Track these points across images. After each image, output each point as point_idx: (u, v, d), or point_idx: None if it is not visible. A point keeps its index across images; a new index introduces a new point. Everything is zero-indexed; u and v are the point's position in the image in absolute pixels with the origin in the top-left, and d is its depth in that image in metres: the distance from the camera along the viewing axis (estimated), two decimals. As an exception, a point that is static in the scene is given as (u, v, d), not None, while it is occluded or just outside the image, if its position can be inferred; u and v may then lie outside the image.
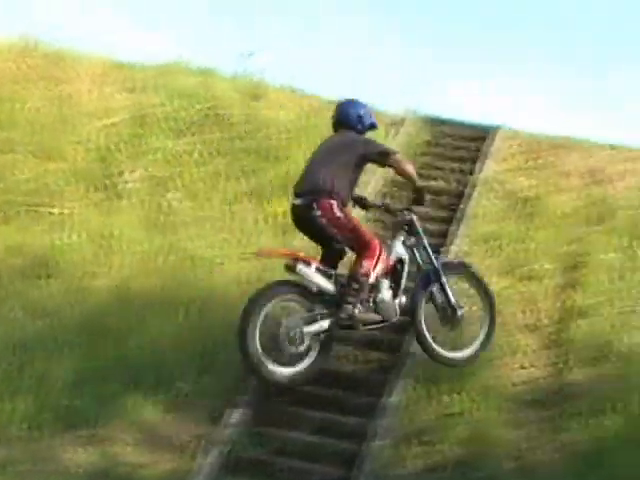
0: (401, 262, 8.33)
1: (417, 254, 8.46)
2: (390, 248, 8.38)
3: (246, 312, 7.87)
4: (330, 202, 8.12)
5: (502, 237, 10.25)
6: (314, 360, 8.07)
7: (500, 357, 8.80)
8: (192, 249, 9.92)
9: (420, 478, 7.66)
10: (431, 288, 8.39)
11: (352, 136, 8.43)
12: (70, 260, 9.65)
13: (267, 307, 7.92)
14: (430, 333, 8.30)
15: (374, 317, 8.18)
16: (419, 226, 8.51)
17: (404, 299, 8.29)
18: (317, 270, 8.08)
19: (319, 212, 8.11)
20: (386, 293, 8.20)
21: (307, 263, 8.07)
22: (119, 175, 10.97)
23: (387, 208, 8.89)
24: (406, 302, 8.30)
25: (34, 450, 7.73)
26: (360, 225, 8.32)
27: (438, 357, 8.35)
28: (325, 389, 8.36)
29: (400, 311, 8.28)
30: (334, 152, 8.28)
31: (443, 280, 8.39)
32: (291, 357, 7.97)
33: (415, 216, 8.52)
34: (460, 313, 8.40)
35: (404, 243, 8.41)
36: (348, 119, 8.49)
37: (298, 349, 7.95)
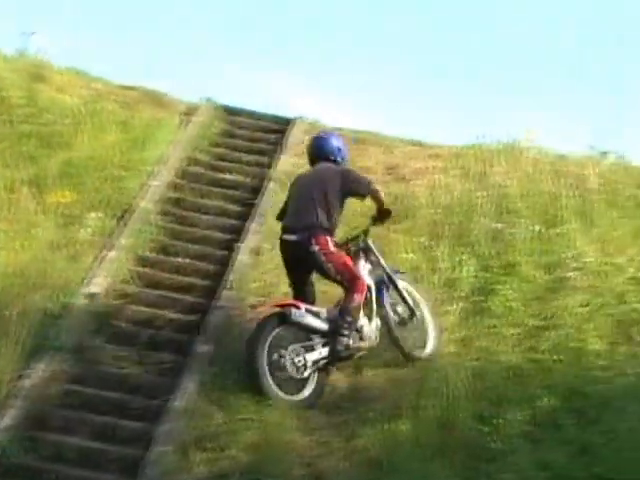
0: (369, 289, 8.64)
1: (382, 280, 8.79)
2: None
3: (252, 341, 8.14)
4: (326, 238, 8.51)
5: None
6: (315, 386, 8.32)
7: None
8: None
9: (208, 484, 7.49)
10: (389, 293, 8.79)
11: (334, 169, 8.81)
12: None
13: (272, 335, 8.19)
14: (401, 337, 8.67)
15: (364, 344, 8.54)
16: (375, 249, 8.89)
17: (378, 322, 8.65)
18: (307, 311, 8.37)
19: (317, 247, 8.41)
20: (364, 320, 8.58)
21: (297, 307, 8.33)
22: None
23: (346, 239, 9.01)
24: (381, 324, 8.65)
25: None
26: (349, 260, 8.60)
27: (415, 359, 8.64)
28: (108, 392, 8.17)
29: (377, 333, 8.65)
30: (322, 187, 8.62)
31: (398, 285, 8.81)
32: (296, 383, 8.22)
33: (370, 240, 8.89)
34: (419, 314, 8.80)
35: (370, 273, 8.75)
36: (329, 151, 8.93)
37: (302, 375, 8.23)
